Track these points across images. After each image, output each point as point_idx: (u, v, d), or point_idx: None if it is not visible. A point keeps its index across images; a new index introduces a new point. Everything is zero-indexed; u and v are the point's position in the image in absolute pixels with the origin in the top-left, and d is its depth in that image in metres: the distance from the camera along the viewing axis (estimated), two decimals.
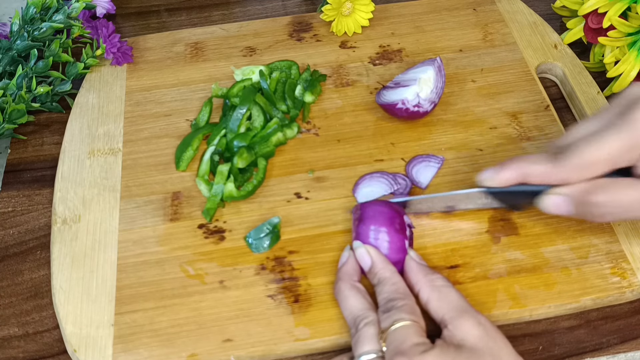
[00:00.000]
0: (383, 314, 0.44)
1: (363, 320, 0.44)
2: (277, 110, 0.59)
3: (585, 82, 0.62)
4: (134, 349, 0.47)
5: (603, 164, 0.44)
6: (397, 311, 0.44)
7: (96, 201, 0.55)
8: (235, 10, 0.74)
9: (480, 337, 0.42)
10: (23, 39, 0.61)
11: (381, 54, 0.66)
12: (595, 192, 0.44)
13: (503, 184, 0.48)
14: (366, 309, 0.45)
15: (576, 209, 0.45)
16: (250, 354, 0.47)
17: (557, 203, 0.46)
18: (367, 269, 0.48)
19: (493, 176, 0.48)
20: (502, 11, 0.69)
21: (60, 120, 0.63)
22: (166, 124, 0.60)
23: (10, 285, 0.52)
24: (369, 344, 0.43)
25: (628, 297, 0.49)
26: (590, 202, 0.44)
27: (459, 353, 0.41)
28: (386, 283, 0.46)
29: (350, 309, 0.46)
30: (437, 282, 0.46)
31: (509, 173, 0.47)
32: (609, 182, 0.44)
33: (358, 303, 0.46)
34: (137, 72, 0.65)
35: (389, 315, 0.44)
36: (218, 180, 0.54)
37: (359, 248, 0.48)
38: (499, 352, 0.42)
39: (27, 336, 0.49)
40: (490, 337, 0.42)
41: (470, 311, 0.44)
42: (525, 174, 0.46)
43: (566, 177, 0.45)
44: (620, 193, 0.44)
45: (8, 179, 0.59)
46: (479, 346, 0.41)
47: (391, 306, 0.44)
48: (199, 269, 0.51)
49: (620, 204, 0.44)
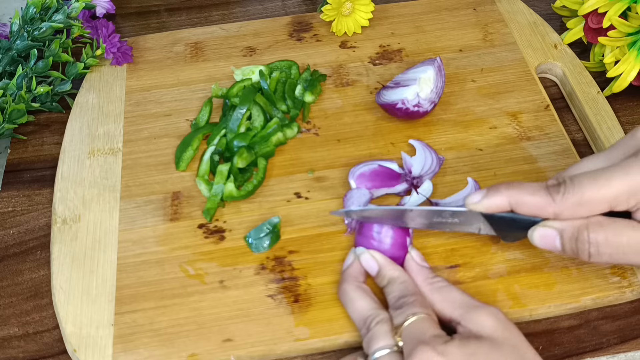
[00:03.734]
0: (395, 311, 0.44)
1: (374, 319, 0.44)
2: (277, 110, 0.59)
3: (585, 82, 0.62)
4: (134, 349, 0.47)
5: (603, 203, 0.42)
6: (409, 306, 0.44)
7: (96, 201, 0.55)
8: (235, 10, 0.74)
9: (496, 327, 0.42)
10: (23, 39, 0.61)
11: (381, 53, 0.66)
12: (593, 230, 0.42)
13: (491, 210, 0.45)
14: (375, 308, 0.45)
15: (568, 245, 0.43)
16: (250, 353, 0.47)
17: (548, 236, 0.44)
18: (375, 273, 0.48)
19: (481, 199, 0.45)
20: (502, 11, 0.69)
21: (60, 120, 0.63)
22: (166, 124, 0.60)
23: (10, 285, 0.52)
24: (383, 340, 0.43)
25: (628, 297, 0.49)
26: (585, 239, 0.42)
27: (480, 343, 0.41)
28: (395, 282, 0.46)
29: (359, 310, 0.45)
30: (437, 283, 0.46)
31: (499, 199, 0.44)
32: (609, 221, 0.42)
33: (366, 303, 0.45)
34: (137, 72, 0.65)
35: (402, 311, 0.44)
36: (218, 180, 0.54)
37: (363, 254, 0.48)
38: (516, 342, 0.41)
39: (27, 336, 0.49)
40: (505, 327, 0.42)
41: (478, 305, 0.44)
42: (517, 202, 0.44)
43: (560, 211, 0.42)
44: (620, 233, 0.42)
45: (8, 179, 0.59)
46: (497, 336, 0.41)
47: (402, 302, 0.44)
48: (199, 268, 0.51)
49: (619, 244, 0.42)
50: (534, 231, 0.44)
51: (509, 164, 0.56)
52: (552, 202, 0.42)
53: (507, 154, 0.57)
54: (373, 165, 0.54)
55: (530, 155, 0.57)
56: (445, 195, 0.54)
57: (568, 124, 0.61)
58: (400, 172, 0.54)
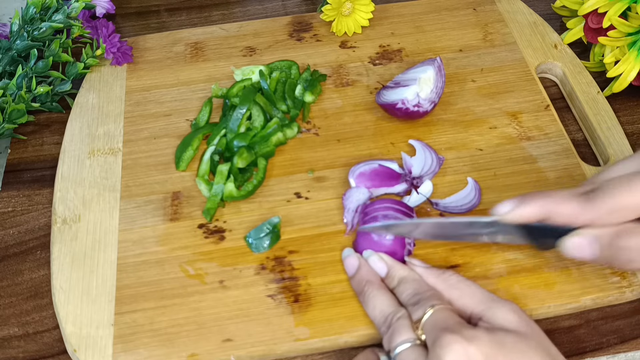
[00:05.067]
0: (412, 307, 0.44)
1: (396, 315, 0.44)
2: (277, 110, 0.59)
3: (585, 82, 0.62)
4: (134, 349, 0.47)
5: (637, 209, 0.41)
6: (427, 300, 0.43)
7: (96, 201, 0.55)
8: (235, 10, 0.74)
9: (518, 322, 0.41)
10: (23, 39, 0.61)
11: (381, 53, 0.66)
12: (626, 236, 0.41)
13: (522, 220, 0.43)
14: (397, 305, 0.45)
15: (602, 253, 0.42)
16: (250, 353, 0.47)
17: (582, 245, 0.42)
18: (385, 275, 0.48)
19: (512, 209, 0.43)
20: (502, 11, 0.69)
21: (60, 120, 0.63)
22: (166, 124, 0.60)
23: (10, 285, 0.52)
24: (405, 334, 0.42)
25: (628, 297, 0.49)
26: (619, 246, 0.41)
27: (506, 333, 0.40)
28: (407, 280, 0.46)
29: (381, 308, 0.45)
30: (452, 279, 0.46)
31: (531, 209, 0.43)
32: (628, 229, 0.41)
33: (388, 301, 0.45)
34: (137, 72, 0.65)
35: (420, 305, 0.43)
36: (218, 180, 0.54)
37: (371, 256, 0.48)
38: (540, 337, 0.41)
39: (27, 336, 0.49)
40: (528, 323, 0.42)
41: (498, 300, 0.43)
42: (551, 211, 0.42)
43: (595, 218, 0.41)
44: None
45: (8, 179, 0.59)
46: (522, 330, 0.41)
47: (419, 298, 0.44)
48: (199, 268, 0.51)
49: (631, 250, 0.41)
50: (567, 241, 0.43)
51: (509, 164, 0.56)
52: (586, 210, 0.41)
53: (507, 154, 0.57)
54: (373, 165, 0.54)
55: (530, 155, 0.57)
56: (445, 195, 0.54)
57: (568, 124, 0.61)
58: (401, 172, 0.54)
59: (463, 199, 0.53)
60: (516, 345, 0.39)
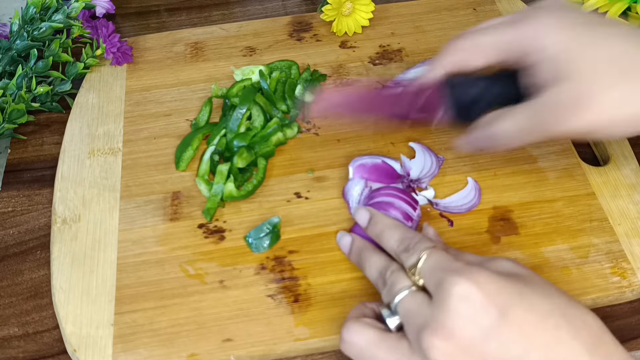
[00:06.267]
0: (403, 254, 0.43)
1: (389, 269, 0.44)
2: (277, 110, 0.59)
3: None
4: (134, 349, 0.47)
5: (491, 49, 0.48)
6: (418, 244, 0.43)
7: (96, 201, 0.55)
8: (235, 10, 0.74)
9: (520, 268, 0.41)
10: (23, 39, 0.61)
11: (381, 53, 0.66)
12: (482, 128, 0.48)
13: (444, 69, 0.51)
14: (389, 260, 0.45)
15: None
16: (250, 353, 0.47)
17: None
18: (366, 223, 0.48)
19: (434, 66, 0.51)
20: (502, 11, 0.69)
21: (60, 120, 0.63)
22: (166, 124, 0.60)
23: (10, 285, 0.52)
24: (401, 282, 0.42)
25: (628, 297, 0.49)
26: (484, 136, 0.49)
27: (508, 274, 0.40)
28: (390, 227, 0.46)
29: (376, 265, 0.45)
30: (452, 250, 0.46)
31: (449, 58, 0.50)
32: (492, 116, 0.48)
33: (381, 258, 0.46)
34: (137, 72, 0.65)
35: (412, 251, 0.43)
36: (218, 180, 0.54)
37: (357, 209, 0.50)
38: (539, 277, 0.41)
39: (27, 336, 0.49)
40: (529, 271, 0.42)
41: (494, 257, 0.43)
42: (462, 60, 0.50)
43: None
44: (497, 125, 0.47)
45: (8, 179, 0.59)
46: (525, 274, 0.40)
47: (407, 244, 0.44)
48: (199, 268, 0.51)
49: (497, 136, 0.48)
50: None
51: (509, 164, 0.56)
52: None
53: (507, 154, 0.57)
54: (376, 160, 0.55)
55: (530, 155, 0.57)
56: (445, 195, 0.54)
57: None
58: (401, 173, 0.55)
59: (463, 199, 0.54)
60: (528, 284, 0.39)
